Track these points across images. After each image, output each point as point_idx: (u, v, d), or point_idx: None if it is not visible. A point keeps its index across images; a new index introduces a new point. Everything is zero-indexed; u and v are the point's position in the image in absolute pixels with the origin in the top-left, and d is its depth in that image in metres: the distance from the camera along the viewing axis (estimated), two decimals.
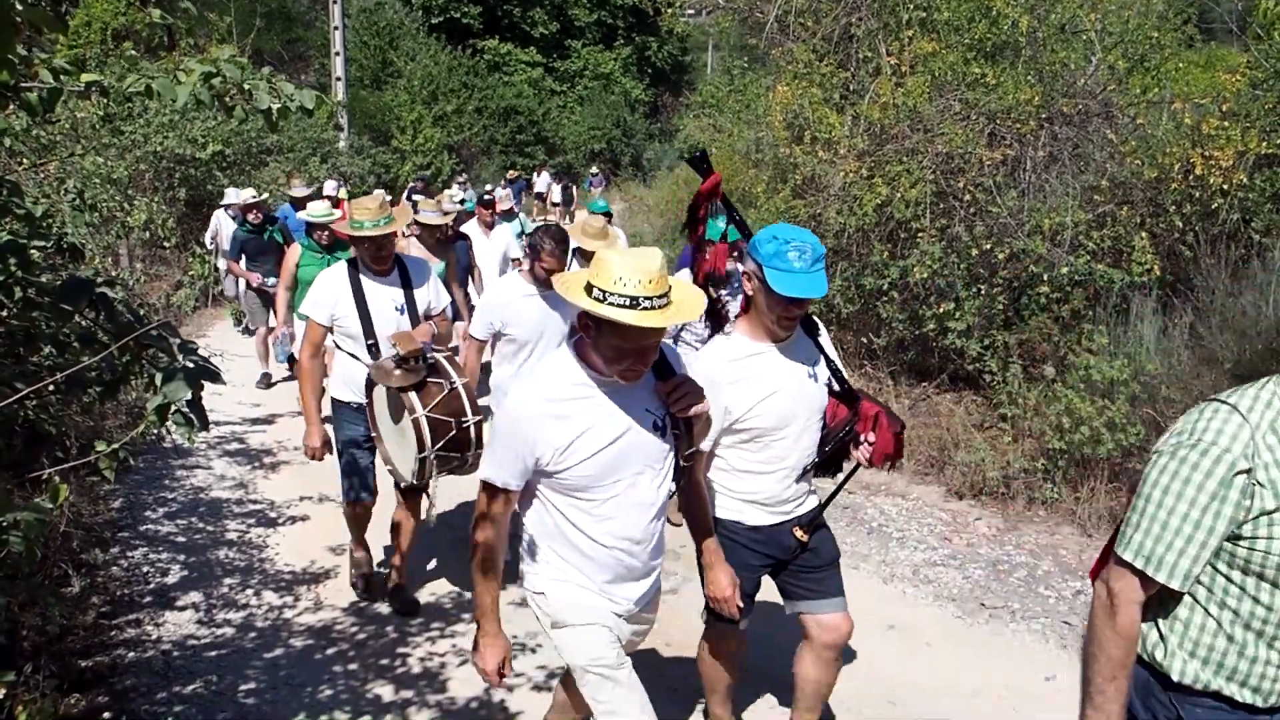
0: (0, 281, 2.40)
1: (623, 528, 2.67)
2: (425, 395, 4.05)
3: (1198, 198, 6.80)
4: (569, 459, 2.54)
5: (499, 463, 2.60)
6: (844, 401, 3.31)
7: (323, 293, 4.52)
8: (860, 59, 9.25)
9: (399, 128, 29.80)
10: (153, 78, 2.42)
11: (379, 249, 4.51)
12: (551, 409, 2.53)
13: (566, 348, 2.63)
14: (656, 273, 2.34)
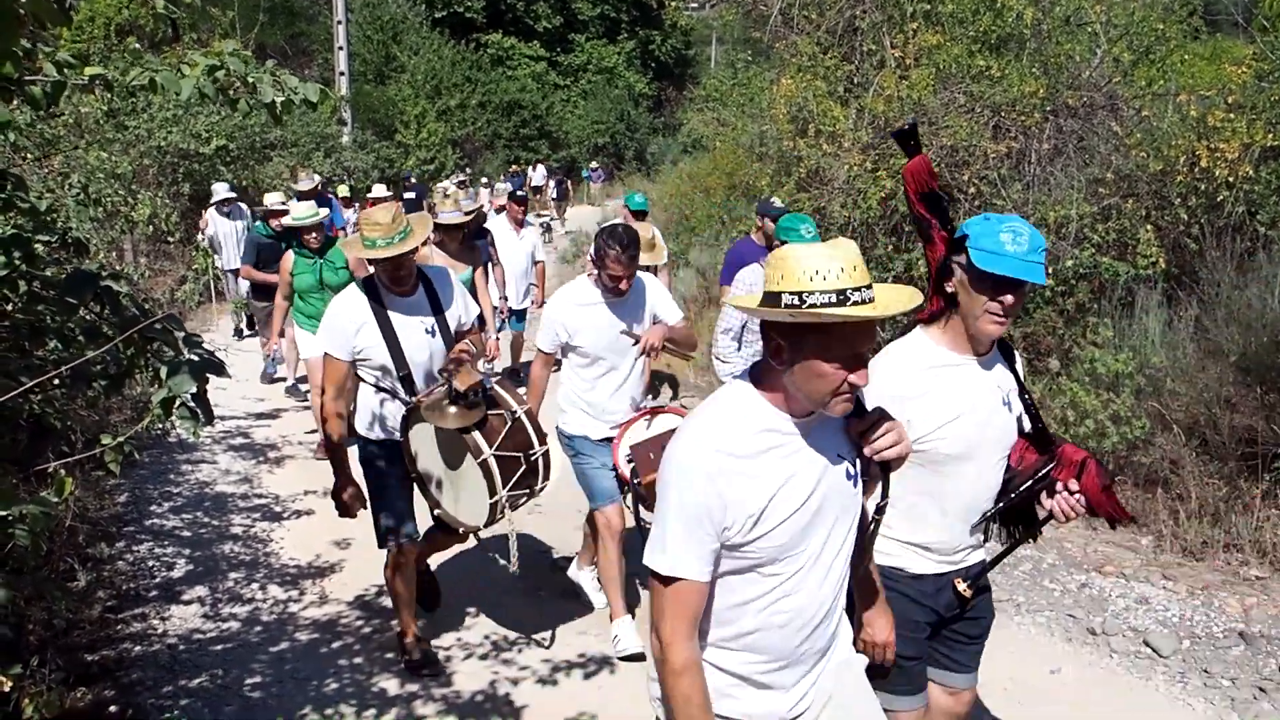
0: (5, 275, 2.40)
1: (810, 604, 2.12)
2: (489, 432, 3.61)
3: (1203, 190, 6.77)
4: (762, 527, 1.99)
5: (684, 549, 1.97)
6: (1036, 444, 2.75)
7: (339, 324, 3.91)
8: (865, 52, 9.23)
9: (402, 122, 29.82)
10: (156, 71, 2.41)
11: (398, 268, 3.92)
12: (739, 466, 1.97)
13: (742, 383, 2.09)
14: (858, 258, 1.90)
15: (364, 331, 3.90)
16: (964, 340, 2.60)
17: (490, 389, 3.76)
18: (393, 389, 3.98)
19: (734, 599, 2.07)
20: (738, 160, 12.23)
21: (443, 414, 3.59)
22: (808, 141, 8.65)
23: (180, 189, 13.50)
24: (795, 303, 1.88)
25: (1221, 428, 5.71)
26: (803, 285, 1.87)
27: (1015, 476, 2.73)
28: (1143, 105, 7.90)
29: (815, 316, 1.86)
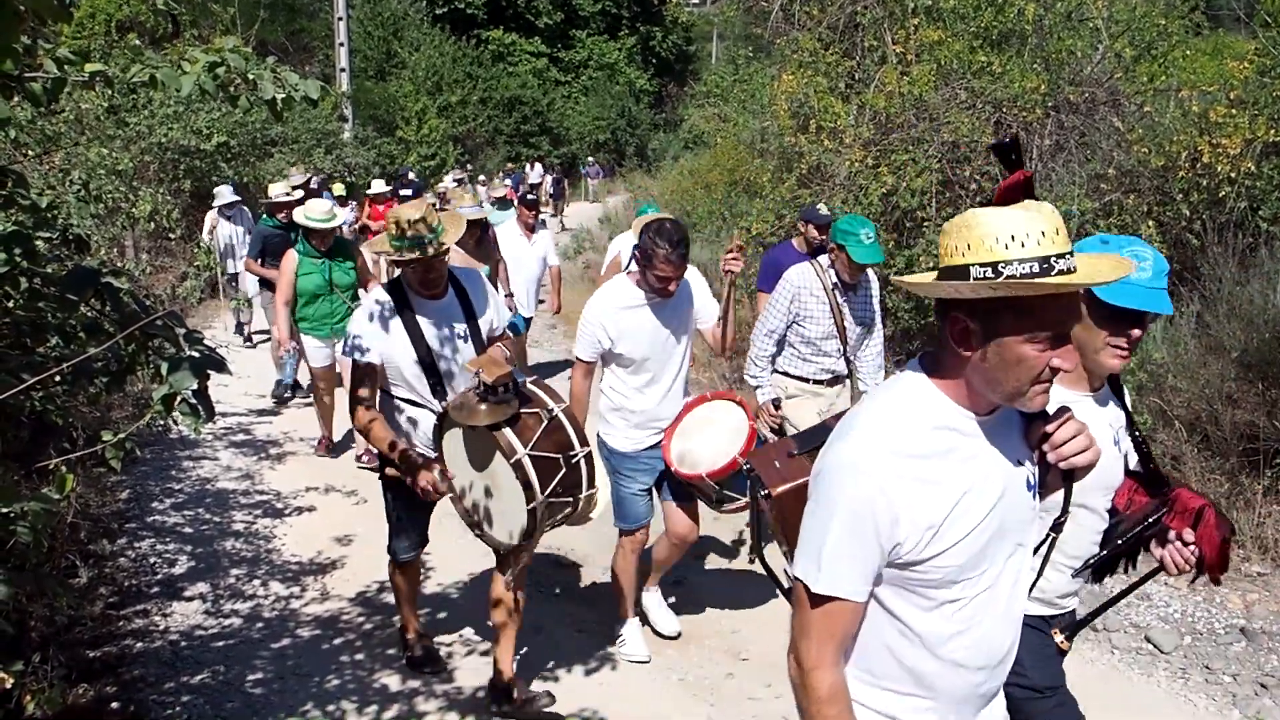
0: (6, 272, 2.40)
1: (988, 637, 1.81)
2: (523, 430, 3.27)
3: (1205, 186, 6.76)
4: (939, 543, 1.70)
5: (843, 564, 1.70)
6: (1146, 485, 2.50)
7: (366, 332, 3.62)
8: (866, 47, 9.22)
9: (403, 119, 29.82)
10: (157, 67, 2.41)
11: (428, 270, 3.60)
12: (915, 469, 1.68)
13: (914, 374, 1.78)
14: (1059, 221, 1.62)
15: (392, 339, 3.61)
16: (1078, 373, 2.33)
17: (522, 384, 3.44)
18: (422, 399, 3.70)
19: (898, 628, 1.78)
20: (739, 156, 12.23)
21: (472, 412, 3.26)
22: (809, 138, 8.65)
23: (181, 185, 13.49)
24: (989, 275, 1.59)
25: (1223, 424, 5.70)
26: (998, 254, 1.60)
27: (1123, 521, 2.48)
28: (1144, 101, 7.89)
29: (1027, 288, 1.57)
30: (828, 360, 4.96)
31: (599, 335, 4.06)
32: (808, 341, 4.90)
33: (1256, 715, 4.00)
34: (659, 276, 3.91)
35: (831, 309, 4.83)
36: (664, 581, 5.17)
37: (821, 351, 4.92)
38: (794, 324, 4.89)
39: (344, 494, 6.38)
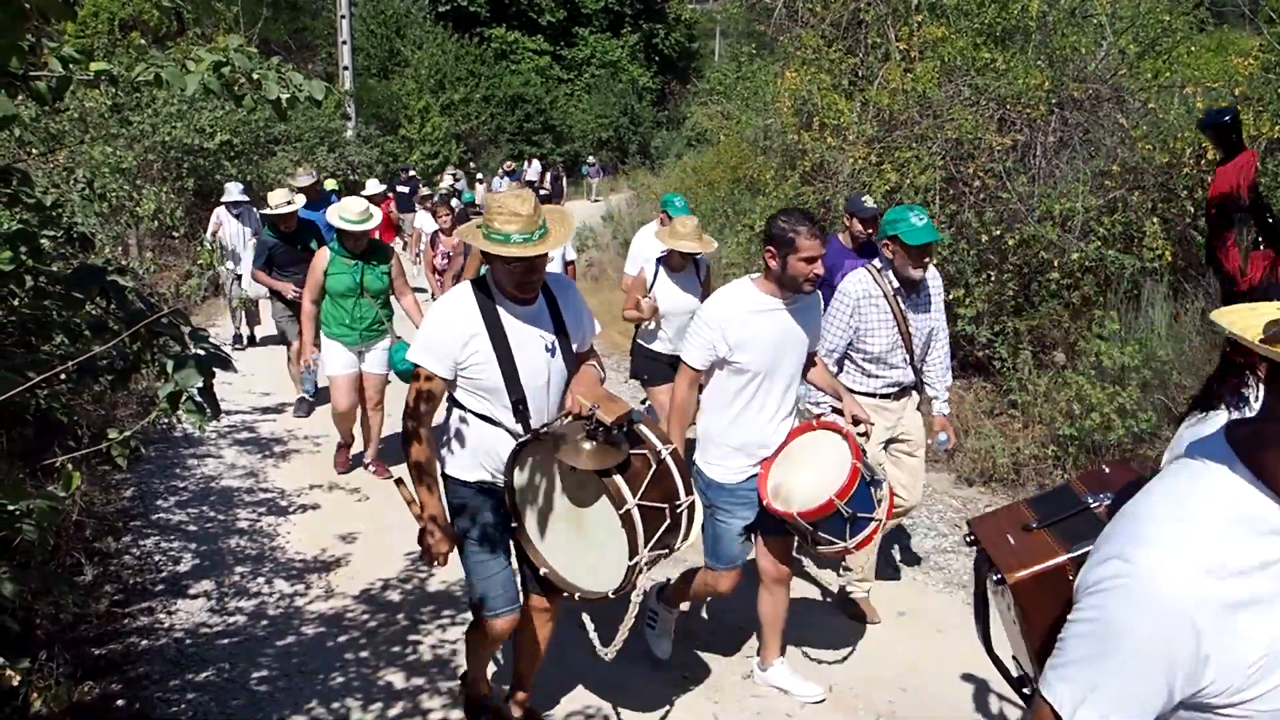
0: (11, 270, 2.40)
1: None
2: (632, 476, 2.92)
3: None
4: (1261, 682, 1.32)
5: (1121, 707, 1.35)
6: None
7: (444, 332, 3.15)
8: (869, 45, 9.21)
9: (406, 117, 29.83)
10: (161, 66, 2.41)
11: (530, 272, 3.12)
12: (1234, 590, 1.29)
13: (1223, 456, 1.36)
14: None
15: (474, 344, 3.13)
16: None
17: (636, 423, 3.08)
18: (499, 417, 3.21)
19: None
20: (742, 154, 12.23)
21: (577, 451, 2.88)
22: (812, 135, 8.65)
23: (185, 184, 13.52)
24: None
25: None
26: None
27: None
28: (1149, 98, 7.88)
29: None
30: (894, 373, 4.49)
31: (716, 340, 3.61)
32: (871, 357, 4.44)
33: None
34: (806, 259, 3.47)
35: (895, 317, 4.39)
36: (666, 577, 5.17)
37: (887, 364, 4.46)
38: (854, 339, 4.44)
39: (348, 492, 6.38)
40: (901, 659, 4.36)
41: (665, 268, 5.90)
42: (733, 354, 3.62)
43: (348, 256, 6.15)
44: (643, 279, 5.96)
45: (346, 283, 6.18)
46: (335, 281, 6.17)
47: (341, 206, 6.21)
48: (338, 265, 6.16)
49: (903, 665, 4.31)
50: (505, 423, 3.20)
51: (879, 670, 4.25)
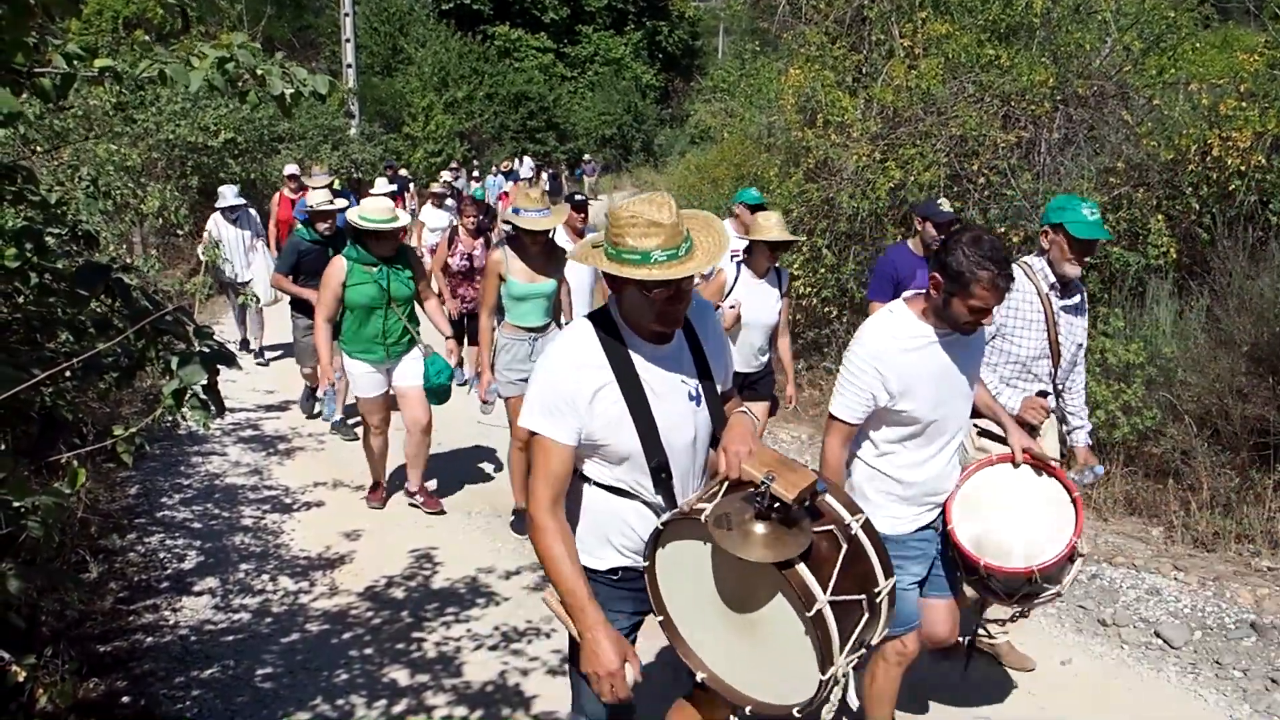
0: (17, 268, 2.41)
1: None
2: (819, 563, 2.23)
3: (1215, 179, 6.73)
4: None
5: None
6: None
7: (565, 385, 2.40)
8: (873, 41, 9.20)
9: (410, 114, 29.83)
10: (165, 63, 2.41)
11: (675, 300, 2.38)
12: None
13: None
14: None
15: (603, 399, 2.41)
16: None
17: (821, 494, 2.37)
18: (637, 489, 2.53)
19: None
20: (745, 151, 12.21)
21: (745, 537, 2.18)
22: (816, 132, 8.63)
23: (189, 182, 13.54)
24: None
25: (1233, 418, 5.68)
26: None
27: None
28: (1153, 94, 7.86)
29: None
30: (1036, 386, 3.95)
31: (875, 388, 2.95)
32: (1014, 361, 3.91)
33: (1267, 710, 3.99)
34: (975, 308, 2.83)
35: (1046, 319, 3.86)
36: None
37: (1030, 374, 3.93)
38: (998, 338, 3.92)
39: (352, 489, 6.39)
40: None
41: (747, 270, 5.33)
42: (898, 401, 2.98)
43: (370, 264, 5.45)
44: (720, 282, 5.27)
45: (371, 293, 5.46)
46: (357, 293, 5.44)
47: (364, 208, 5.50)
48: (358, 275, 5.44)
49: None
50: (643, 494, 2.53)
51: None
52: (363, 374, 5.66)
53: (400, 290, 5.55)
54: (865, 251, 8.14)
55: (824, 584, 2.20)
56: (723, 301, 5.21)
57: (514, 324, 5.50)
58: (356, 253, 5.46)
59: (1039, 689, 4.12)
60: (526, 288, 5.41)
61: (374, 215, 5.41)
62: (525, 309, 5.46)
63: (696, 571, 2.40)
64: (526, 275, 5.39)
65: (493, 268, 5.42)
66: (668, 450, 2.48)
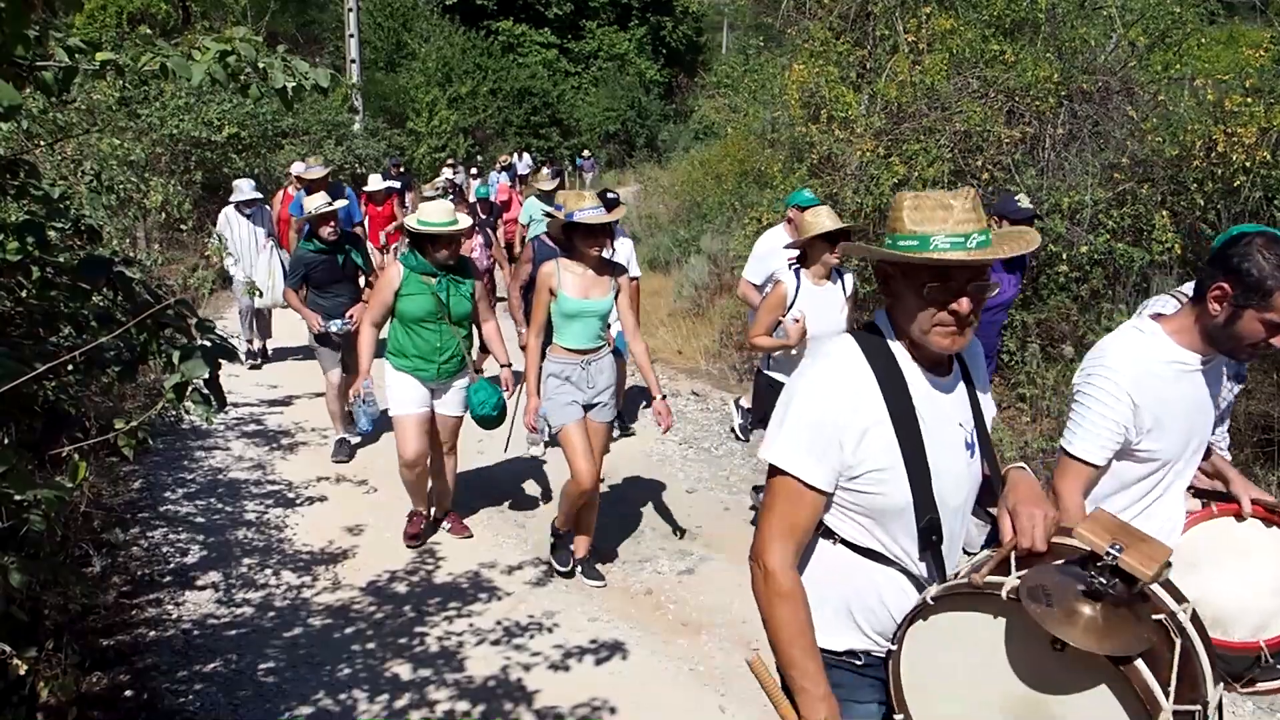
0: (19, 261, 2.41)
1: None
2: (1154, 660, 1.77)
3: (1220, 175, 6.72)
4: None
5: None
6: None
7: (831, 414, 1.98)
8: (877, 37, 9.18)
9: (414, 110, 29.80)
10: (168, 56, 2.41)
11: (979, 304, 1.96)
12: None
13: None
14: None
15: (873, 438, 1.98)
16: None
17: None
18: (893, 550, 2.07)
19: None
20: (749, 147, 12.20)
21: (1072, 618, 1.73)
22: (820, 128, 8.62)
23: (192, 177, 13.54)
24: None
25: (1237, 414, 5.67)
26: None
27: None
28: (1159, 90, 7.85)
29: None
30: None
31: (1128, 423, 2.48)
32: None
33: (1269, 708, 3.98)
34: (1273, 324, 2.35)
35: None
36: (673, 570, 5.18)
37: None
38: None
39: (355, 484, 6.39)
40: None
41: (807, 277, 4.86)
42: (1143, 438, 2.51)
43: (429, 273, 5.01)
44: (781, 294, 4.83)
45: (426, 306, 5.01)
46: (412, 305, 5.00)
47: (422, 211, 5.05)
48: (414, 284, 5.00)
49: None
50: (904, 560, 2.06)
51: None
52: (408, 390, 5.14)
53: (459, 307, 5.09)
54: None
55: (1164, 688, 1.73)
56: (784, 315, 4.81)
57: (564, 346, 4.83)
58: (415, 260, 5.00)
59: None
60: (580, 304, 4.74)
61: (434, 218, 4.95)
62: (577, 329, 4.79)
63: (970, 663, 1.91)
64: (580, 290, 4.73)
65: (543, 281, 4.76)
66: (940, 508, 2.03)
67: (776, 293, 4.83)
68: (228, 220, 8.80)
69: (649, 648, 4.41)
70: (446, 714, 3.85)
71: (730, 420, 7.51)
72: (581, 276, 4.74)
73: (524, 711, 3.89)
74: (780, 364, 5.03)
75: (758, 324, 4.91)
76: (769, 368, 5.11)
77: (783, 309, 4.81)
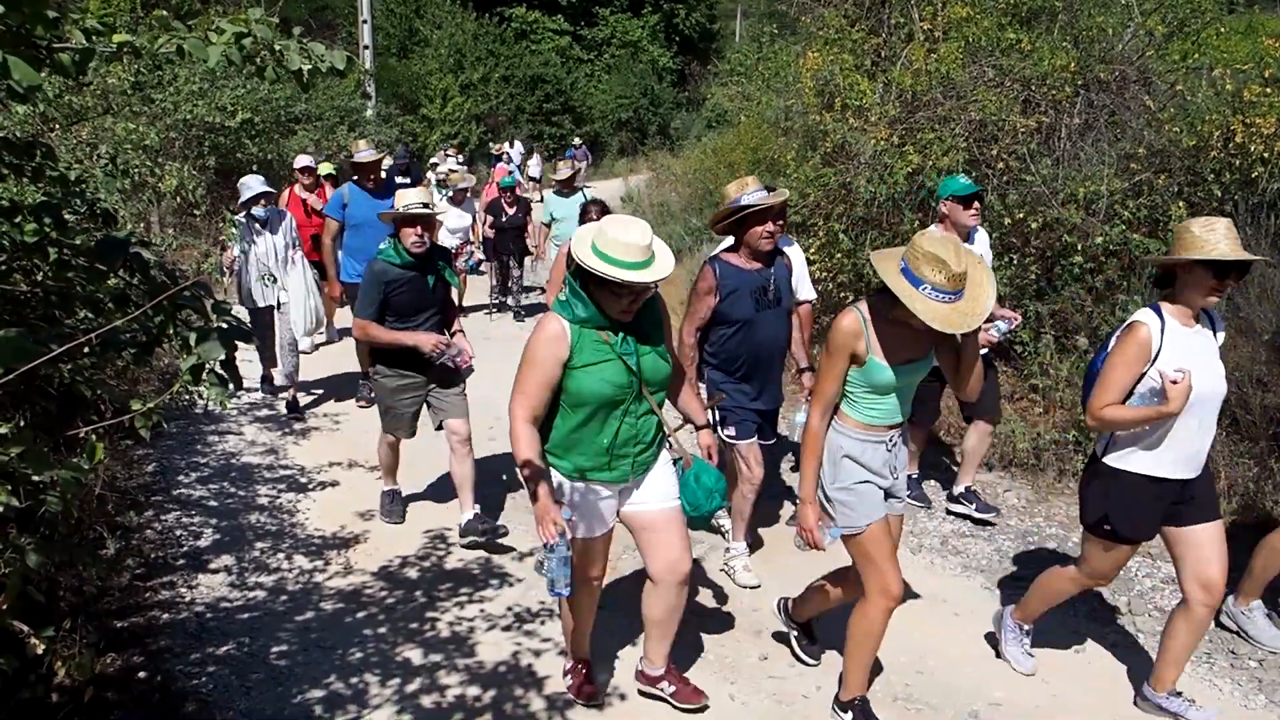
0: (36, 243, 2.41)
1: None
2: None
3: (1237, 166, 6.66)
4: None
5: None
6: None
7: None
8: (892, 25, 9.12)
9: (427, 96, 29.79)
10: (184, 39, 2.40)
11: None
12: None
13: None
14: None
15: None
16: None
17: None
18: None
19: None
20: (762, 135, 12.15)
21: None
22: (834, 116, 8.57)
23: (206, 162, 13.56)
24: None
25: (1253, 407, 5.64)
26: None
27: None
28: (1176, 79, 7.78)
29: None
30: None
31: None
32: None
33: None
34: None
35: None
36: None
37: None
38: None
39: (367, 469, 6.41)
40: (919, 643, 4.34)
41: (1172, 315, 3.63)
42: None
43: (605, 327, 3.28)
44: (1145, 340, 3.52)
45: (616, 379, 3.28)
46: (594, 382, 3.26)
47: (602, 234, 3.16)
48: (591, 349, 3.28)
49: (920, 649, 4.30)
50: None
51: (896, 654, 4.24)
52: (591, 503, 3.48)
53: (656, 369, 3.37)
54: (882, 237, 8.09)
55: None
56: (1155, 368, 3.46)
57: (867, 421, 3.43)
58: (584, 309, 3.21)
59: (1051, 675, 4.11)
60: (901, 372, 3.34)
61: (623, 255, 3.10)
62: (889, 402, 3.39)
63: None
64: (902, 354, 3.31)
65: (843, 344, 3.32)
66: None
67: (1136, 339, 3.46)
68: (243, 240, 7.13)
69: None
70: (457, 698, 3.87)
71: None
72: (905, 336, 3.29)
73: (534, 697, 3.90)
74: (1130, 443, 3.59)
75: (1108, 386, 3.49)
76: (1111, 450, 3.65)
77: (1145, 361, 3.46)
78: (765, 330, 4.58)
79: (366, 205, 7.23)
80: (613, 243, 3.10)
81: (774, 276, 4.58)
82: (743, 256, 4.58)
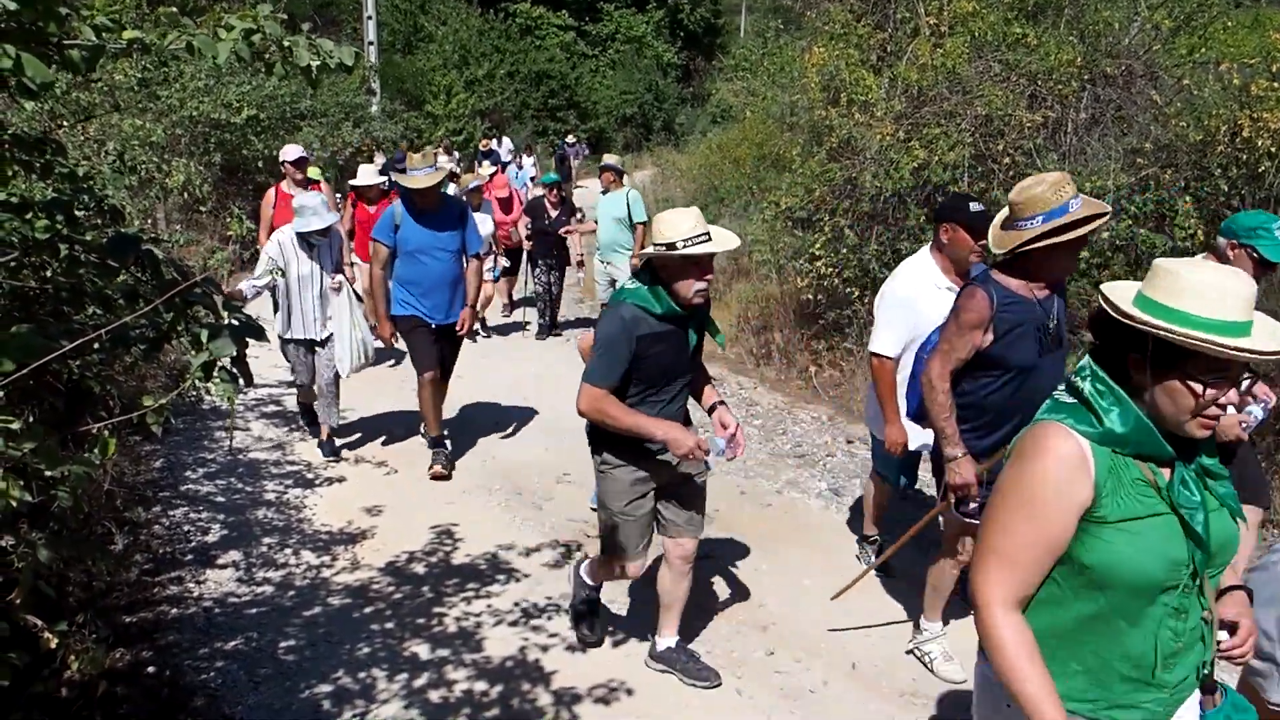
0: (46, 239, 2.42)
1: None
2: None
3: (1244, 161, 6.64)
4: None
5: None
6: None
7: None
8: (898, 19, 9.10)
9: (431, 92, 29.77)
10: (193, 35, 2.41)
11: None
12: None
13: None
14: None
15: None
16: None
17: None
18: None
19: None
20: (767, 130, 12.14)
21: None
22: (839, 111, 8.56)
23: (212, 158, 13.58)
24: None
25: None
26: None
27: None
28: (1183, 74, 7.76)
29: None
30: None
31: None
32: None
33: None
34: None
35: None
36: None
37: None
38: None
39: (374, 464, 6.42)
40: None
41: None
42: None
43: None
44: None
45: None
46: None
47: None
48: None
49: None
50: None
51: (900, 646, 4.25)
52: None
53: (1220, 530, 2.07)
54: (888, 232, 8.08)
55: None
56: None
57: None
58: (1120, 417, 1.95)
59: None
60: None
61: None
62: None
63: None
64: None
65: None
66: None
67: None
68: (281, 250, 6.09)
69: None
70: (465, 694, 3.88)
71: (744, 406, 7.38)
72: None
73: (541, 692, 3.91)
74: None
75: None
76: None
77: None
78: (1045, 381, 3.35)
79: (420, 229, 6.02)
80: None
81: (1057, 307, 3.50)
82: (1023, 281, 3.40)
